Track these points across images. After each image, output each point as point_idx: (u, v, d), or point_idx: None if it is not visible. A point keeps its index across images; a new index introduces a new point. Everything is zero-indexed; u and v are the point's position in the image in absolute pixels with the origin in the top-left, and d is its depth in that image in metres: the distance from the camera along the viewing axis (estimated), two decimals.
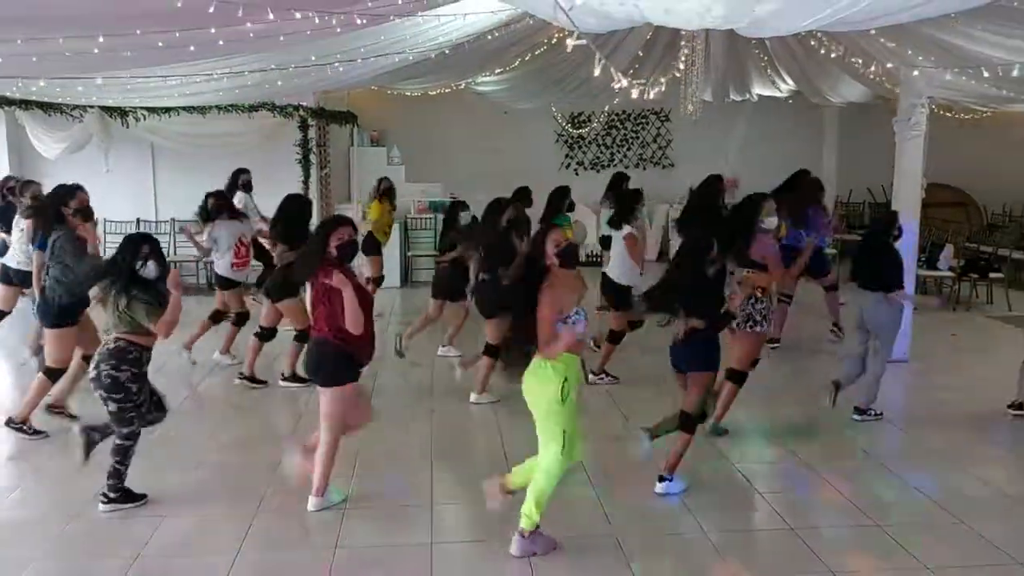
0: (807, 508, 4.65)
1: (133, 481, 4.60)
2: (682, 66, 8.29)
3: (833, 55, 7.71)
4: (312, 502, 4.52)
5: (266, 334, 6.70)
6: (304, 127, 8.85)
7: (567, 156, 13.47)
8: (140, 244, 4.45)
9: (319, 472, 4.51)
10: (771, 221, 5.48)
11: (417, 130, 12.34)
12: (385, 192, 8.88)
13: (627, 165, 13.46)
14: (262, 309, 6.84)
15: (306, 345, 5.29)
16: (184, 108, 8.50)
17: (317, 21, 4.78)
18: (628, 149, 13.62)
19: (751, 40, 8.30)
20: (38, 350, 6.41)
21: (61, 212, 5.60)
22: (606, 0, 3.96)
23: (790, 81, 10.21)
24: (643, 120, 13.53)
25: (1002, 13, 4.83)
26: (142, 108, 8.61)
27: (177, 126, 9.02)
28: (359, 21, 5.00)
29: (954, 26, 5.51)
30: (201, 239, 7.25)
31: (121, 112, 8.78)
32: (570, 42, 4.39)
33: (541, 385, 3.90)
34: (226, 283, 7.15)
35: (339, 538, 4.23)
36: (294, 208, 6.44)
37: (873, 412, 5.87)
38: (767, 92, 11.11)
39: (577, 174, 13.19)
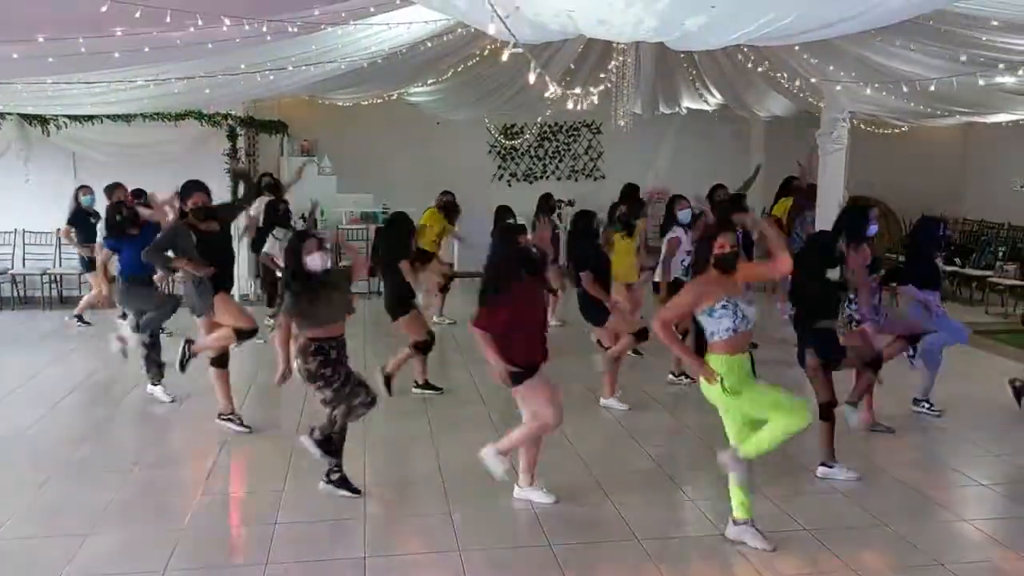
0: None
1: (52, 492, 4.39)
2: (614, 78, 8.42)
3: (760, 69, 7.93)
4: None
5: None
6: (232, 136, 8.66)
7: (500, 167, 13.51)
8: None
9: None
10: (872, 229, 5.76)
11: (349, 140, 12.20)
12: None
13: (559, 177, 13.59)
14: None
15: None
16: (108, 116, 8.24)
17: (247, 28, 4.68)
18: (560, 161, 13.73)
19: (680, 54, 8.47)
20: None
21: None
22: (541, 11, 3.99)
23: (718, 95, 10.45)
24: (575, 132, 13.67)
25: (918, 30, 5.04)
26: (63, 116, 8.30)
27: (100, 135, 8.74)
28: (291, 29, 4.92)
29: (873, 42, 5.73)
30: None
31: (41, 120, 8.47)
32: (507, 52, 4.40)
33: (707, 388, 4.13)
34: None
35: (269, 555, 4.12)
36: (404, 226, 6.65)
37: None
38: (696, 105, 11.35)
39: (510, 185, 13.23)
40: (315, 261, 4.54)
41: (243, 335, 5.79)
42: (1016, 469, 5.46)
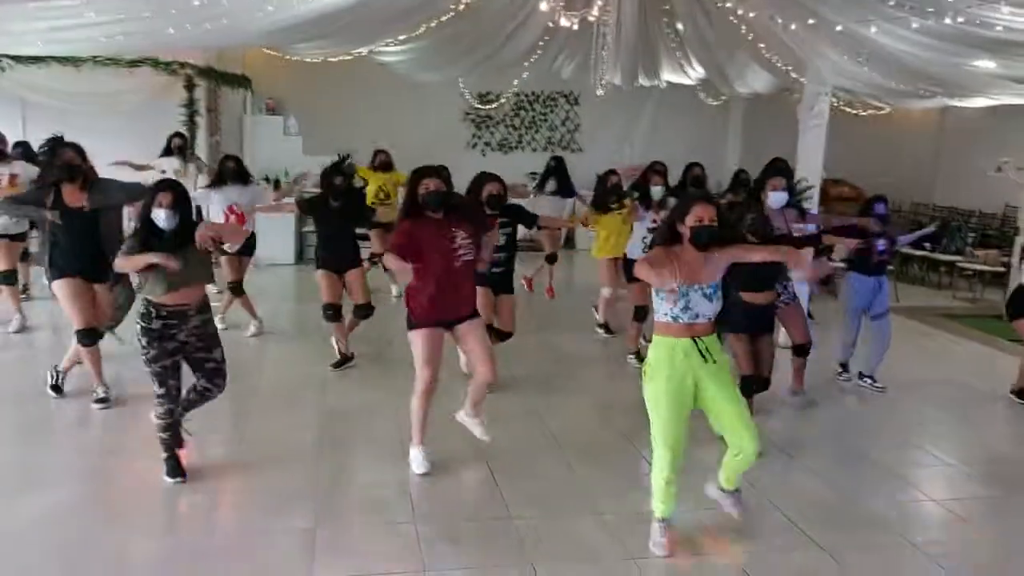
0: None
1: None
2: (594, 45, 8.16)
3: (749, 37, 7.69)
4: None
5: None
6: (190, 86, 8.23)
7: (474, 135, 13.19)
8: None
9: None
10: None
11: (317, 101, 11.78)
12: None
13: (535, 148, 13.31)
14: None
15: None
16: (56, 59, 7.77)
17: None
18: (536, 131, 13.45)
19: (663, 21, 8.24)
20: None
21: None
22: None
23: (699, 68, 10.23)
24: (552, 103, 13.38)
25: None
26: (7, 56, 7.81)
27: (49, 80, 8.26)
28: None
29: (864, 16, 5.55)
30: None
31: None
32: None
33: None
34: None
35: (213, 525, 3.88)
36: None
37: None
38: (676, 79, 11.12)
39: (484, 155, 12.93)
40: (161, 217, 4.04)
41: (79, 336, 5.21)
42: (983, 450, 5.40)
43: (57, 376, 5.42)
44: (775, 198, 5.49)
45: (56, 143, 5.25)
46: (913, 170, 13.72)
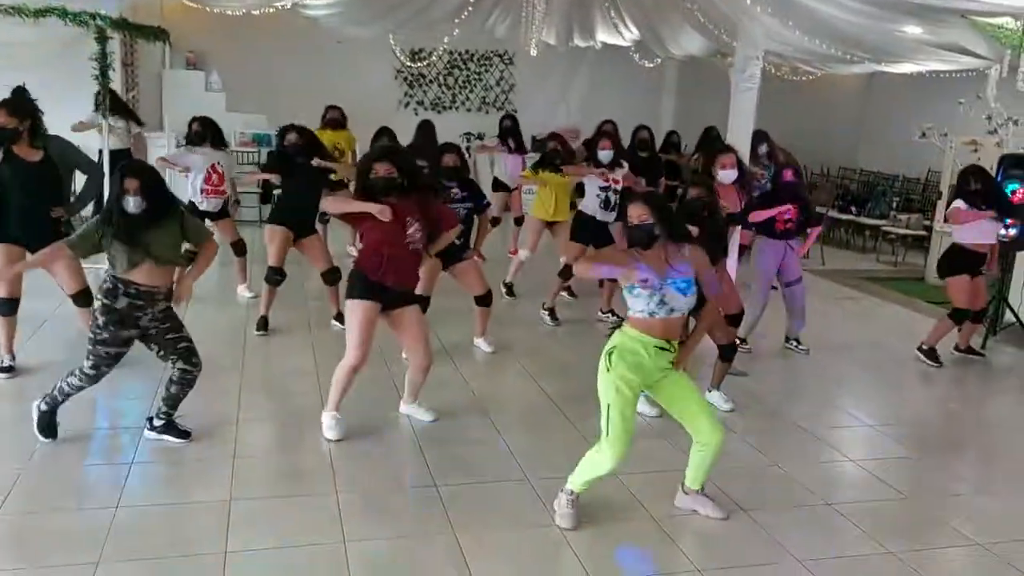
0: None
1: None
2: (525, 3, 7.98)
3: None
4: None
5: None
6: (102, 38, 7.76)
7: (406, 95, 12.88)
8: None
9: None
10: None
11: (241, 56, 11.31)
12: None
13: (469, 108, 13.09)
14: None
15: None
16: None
17: None
18: (471, 91, 13.20)
19: None
20: None
21: None
22: None
23: (634, 29, 10.13)
24: (487, 62, 13.13)
25: None
26: None
27: None
28: None
29: None
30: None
31: None
32: None
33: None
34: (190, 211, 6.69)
35: (121, 497, 3.72)
36: None
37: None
38: (612, 40, 11.00)
39: (416, 114, 12.63)
40: (130, 204, 3.88)
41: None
42: (901, 410, 5.56)
43: None
44: (725, 176, 5.53)
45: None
46: (840, 135, 13.96)
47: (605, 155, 6.64)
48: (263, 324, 6.19)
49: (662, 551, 3.53)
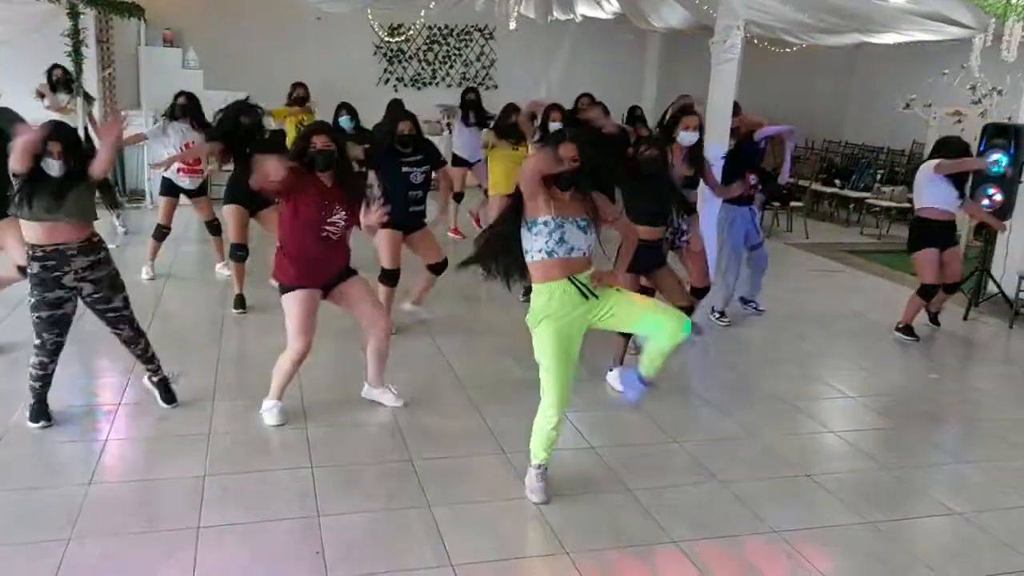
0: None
1: None
2: None
3: None
4: None
5: None
6: (74, 15, 7.61)
7: (386, 71, 12.73)
8: None
9: None
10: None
11: (218, 32, 11.15)
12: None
13: (449, 84, 12.95)
14: None
15: None
16: None
17: None
18: (451, 67, 13.07)
19: None
20: None
21: None
22: None
23: (614, 1, 10.02)
24: (467, 37, 12.99)
25: None
26: None
27: None
28: None
29: None
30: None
31: None
32: None
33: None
34: (168, 187, 6.83)
35: (94, 474, 3.67)
36: None
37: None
38: (592, 13, 10.89)
39: (396, 90, 12.49)
40: (53, 167, 3.81)
41: None
42: (881, 381, 5.55)
43: None
44: (686, 137, 5.43)
45: None
46: (825, 108, 13.92)
47: (555, 126, 6.50)
48: (240, 302, 6.12)
49: (639, 523, 3.51)
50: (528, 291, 7.25)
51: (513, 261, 3.54)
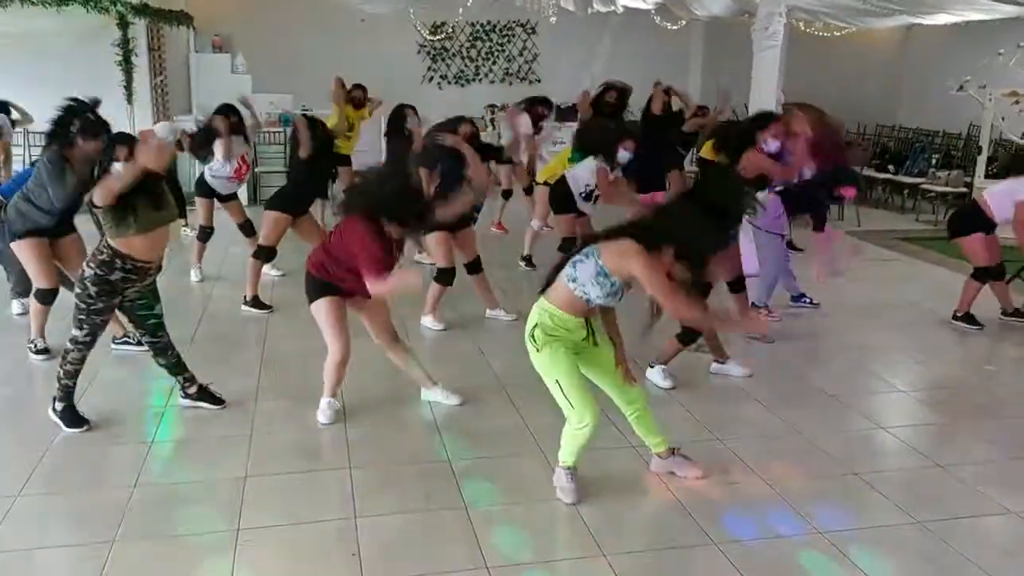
0: None
1: None
2: None
3: None
4: None
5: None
6: (124, 25, 7.80)
7: (430, 69, 12.81)
8: None
9: None
10: None
11: (265, 37, 11.35)
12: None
13: (492, 80, 12.98)
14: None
15: None
16: None
17: None
18: (494, 63, 13.07)
19: None
20: None
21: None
22: None
23: None
24: (509, 32, 12.98)
25: None
26: None
27: None
28: None
29: None
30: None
31: None
32: None
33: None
34: (204, 190, 6.94)
35: (140, 475, 3.76)
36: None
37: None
38: (633, 3, 10.76)
39: (440, 88, 12.57)
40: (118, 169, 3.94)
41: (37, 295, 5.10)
42: (936, 375, 5.37)
43: None
44: (773, 147, 5.37)
45: None
46: (876, 92, 13.54)
47: (624, 156, 6.15)
48: (256, 302, 6.29)
49: (678, 524, 3.46)
50: (529, 260, 7.39)
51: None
